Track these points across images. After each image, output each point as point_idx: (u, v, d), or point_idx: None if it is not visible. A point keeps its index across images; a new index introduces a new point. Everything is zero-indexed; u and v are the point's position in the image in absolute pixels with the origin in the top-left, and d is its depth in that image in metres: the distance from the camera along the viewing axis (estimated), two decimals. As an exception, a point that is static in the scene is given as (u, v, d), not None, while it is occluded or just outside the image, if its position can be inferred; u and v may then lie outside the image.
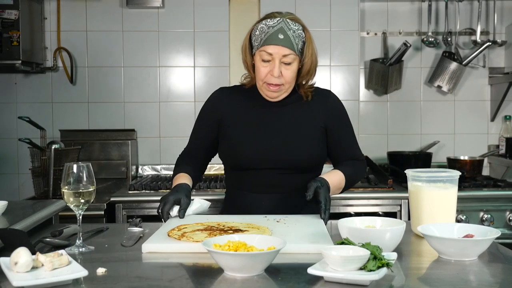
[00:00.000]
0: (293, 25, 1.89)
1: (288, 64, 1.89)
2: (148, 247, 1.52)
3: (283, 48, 1.86)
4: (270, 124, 1.99)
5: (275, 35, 1.86)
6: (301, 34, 1.90)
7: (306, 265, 1.26)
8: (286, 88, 1.95)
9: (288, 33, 1.87)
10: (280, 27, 1.87)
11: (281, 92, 1.95)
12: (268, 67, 1.89)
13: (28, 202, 2.19)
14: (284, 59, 1.88)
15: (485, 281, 1.28)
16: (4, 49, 3.11)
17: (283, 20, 1.88)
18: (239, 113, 2.02)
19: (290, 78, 1.91)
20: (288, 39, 1.86)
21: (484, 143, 3.74)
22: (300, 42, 1.90)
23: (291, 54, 1.87)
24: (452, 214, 1.71)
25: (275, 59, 1.87)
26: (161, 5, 3.49)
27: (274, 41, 1.86)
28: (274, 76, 1.89)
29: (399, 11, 3.69)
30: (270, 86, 1.92)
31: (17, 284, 1.18)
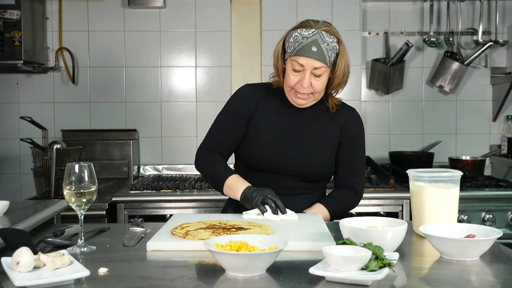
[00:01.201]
0: (328, 38, 1.87)
1: (318, 76, 1.88)
2: (153, 245, 1.52)
3: (315, 61, 1.85)
4: (293, 131, 2.00)
5: (309, 47, 1.85)
6: (335, 47, 1.88)
7: (308, 265, 1.26)
8: (316, 97, 1.95)
9: (322, 46, 1.85)
10: (314, 39, 1.86)
11: (309, 100, 1.95)
12: (298, 76, 1.89)
13: (30, 202, 2.19)
14: (315, 71, 1.87)
15: (487, 281, 1.28)
16: (6, 49, 3.12)
17: (318, 32, 1.86)
18: (266, 113, 2.01)
19: (319, 89, 1.91)
20: (321, 52, 1.85)
21: (486, 143, 3.73)
22: (333, 55, 1.88)
23: (322, 67, 1.87)
24: (454, 214, 1.71)
25: (306, 70, 1.87)
26: (162, 5, 3.49)
27: (307, 53, 1.85)
28: (303, 87, 1.88)
29: (401, 11, 3.69)
30: (298, 94, 1.92)
31: (19, 284, 1.18)
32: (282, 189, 1.97)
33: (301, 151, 1.98)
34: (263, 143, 1.98)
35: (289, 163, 1.97)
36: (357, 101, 3.59)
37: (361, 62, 3.59)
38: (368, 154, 3.59)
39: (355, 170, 2.06)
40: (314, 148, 1.99)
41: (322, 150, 1.99)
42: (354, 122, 2.05)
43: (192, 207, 2.93)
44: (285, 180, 1.99)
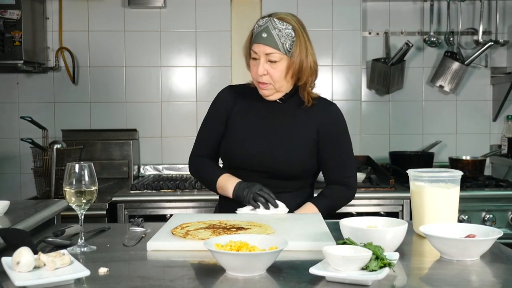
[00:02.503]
0: (280, 25, 1.91)
1: (274, 62, 1.91)
2: (153, 245, 1.53)
3: (266, 46, 1.89)
4: (266, 127, 2.01)
5: (260, 34, 1.91)
6: (289, 34, 1.91)
7: (308, 265, 1.26)
8: (278, 88, 1.96)
9: (273, 32, 1.90)
10: (265, 26, 1.91)
11: (272, 91, 1.97)
12: (256, 65, 1.93)
13: (30, 202, 2.19)
14: (269, 57, 1.90)
15: (487, 281, 1.28)
16: (6, 49, 3.12)
17: (270, 20, 1.92)
18: (243, 112, 2.05)
19: (277, 77, 1.92)
20: (271, 38, 1.89)
21: (486, 143, 3.73)
22: (287, 41, 1.91)
23: (274, 52, 1.89)
24: (454, 214, 1.71)
25: (261, 58, 1.91)
26: (163, 5, 3.49)
27: (258, 40, 1.91)
28: (260, 74, 1.92)
29: (401, 11, 3.69)
30: (260, 84, 1.96)
31: (19, 284, 1.18)
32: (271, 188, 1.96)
33: (272, 147, 1.98)
34: (237, 141, 2.02)
35: (261, 159, 1.98)
36: (357, 101, 3.59)
37: (361, 62, 3.59)
38: (368, 154, 3.59)
39: (342, 165, 2.05)
40: (286, 144, 1.99)
41: (294, 146, 1.99)
42: (332, 117, 2.04)
43: (192, 207, 2.93)
44: (261, 177, 1.98)
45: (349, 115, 3.58)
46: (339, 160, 2.04)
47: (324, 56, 3.57)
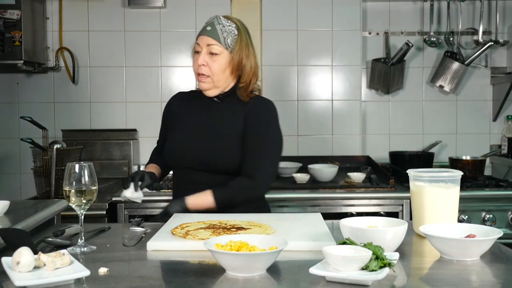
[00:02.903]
0: (225, 21, 2.04)
1: (215, 54, 2.00)
2: (153, 245, 1.53)
3: (208, 37, 2.00)
4: (202, 125, 2.08)
5: (204, 28, 2.04)
6: (232, 31, 2.02)
7: (308, 265, 1.26)
8: (215, 81, 2.03)
9: (217, 27, 2.01)
10: (211, 22, 2.04)
11: (210, 84, 2.03)
12: (197, 58, 2.02)
13: (30, 202, 2.19)
14: (210, 49, 2.00)
15: (487, 281, 1.28)
16: (6, 49, 3.12)
17: (216, 17, 2.05)
18: (182, 113, 2.15)
19: (215, 70, 2.00)
20: (215, 31, 2.01)
21: (486, 143, 3.73)
22: (229, 37, 2.01)
23: (215, 44, 1.99)
24: (454, 214, 1.71)
25: (203, 48, 2.01)
26: (163, 5, 3.49)
27: (201, 32, 2.04)
28: (199, 64, 2.00)
29: (401, 11, 3.69)
30: (199, 77, 2.03)
31: (19, 284, 1.18)
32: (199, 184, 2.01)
33: (205, 144, 2.03)
34: (171, 140, 2.12)
35: (194, 156, 2.03)
36: (357, 101, 3.59)
37: (361, 62, 3.59)
38: (368, 154, 3.59)
39: (252, 157, 1.99)
40: (218, 139, 2.03)
41: (226, 141, 2.02)
42: (258, 109, 2.06)
43: (192, 207, 2.92)
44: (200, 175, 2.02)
45: (349, 115, 3.59)
46: (251, 152, 2.00)
47: (324, 56, 3.58)
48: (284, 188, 2.96)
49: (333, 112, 3.59)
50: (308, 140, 3.59)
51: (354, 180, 3.05)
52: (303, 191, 2.93)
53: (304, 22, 3.56)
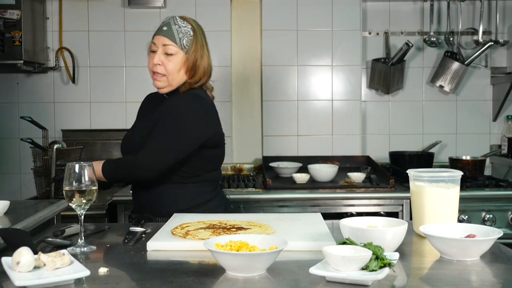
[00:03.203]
0: (181, 22, 2.08)
1: (170, 55, 2.03)
2: (153, 245, 1.53)
3: (164, 38, 2.04)
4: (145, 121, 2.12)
5: (161, 28, 2.07)
6: (188, 32, 2.07)
7: (308, 265, 1.26)
8: (170, 80, 2.06)
9: (173, 27, 2.05)
10: (168, 22, 2.08)
11: (165, 83, 2.07)
12: (153, 57, 2.06)
13: (30, 201, 2.19)
14: (166, 49, 2.04)
15: (487, 281, 1.28)
16: (6, 49, 3.12)
17: (173, 17, 2.09)
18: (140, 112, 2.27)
19: (170, 69, 2.04)
20: (170, 31, 2.05)
21: (486, 143, 3.73)
22: (185, 38, 2.05)
23: (171, 45, 2.03)
24: (454, 214, 1.71)
25: (158, 48, 2.05)
26: (163, 5, 3.49)
27: (158, 32, 2.07)
28: (155, 64, 2.03)
29: (401, 11, 3.69)
30: (154, 75, 2.07)
31: (19, 284, 1.18)
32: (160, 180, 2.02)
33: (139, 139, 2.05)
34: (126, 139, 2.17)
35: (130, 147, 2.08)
36: (357, 101, 3.59)
37: (361, 62, 3.59)
38: (368, 154, 3.59)
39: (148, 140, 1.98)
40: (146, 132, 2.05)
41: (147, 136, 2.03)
42: (167, 105, 2.05)
43: (192, 207, 2.92)
44: None
45: (349, 115, 3.59)
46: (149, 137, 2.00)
47: (324, 56, 3.58)
48: (284, 188, 2.96)
49: (333, 112, 3.59)
50: (308, 140, 3.59)
51: (354, 180, 3.05)
52: (303, 191, 2.93)
53: (304, 22, 3.56)
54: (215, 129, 2.09)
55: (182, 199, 2.05)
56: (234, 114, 3.62)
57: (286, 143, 3.58)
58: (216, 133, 2.08)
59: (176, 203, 2.03)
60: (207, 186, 2.11)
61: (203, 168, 2.08)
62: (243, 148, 3.63)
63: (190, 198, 2.06)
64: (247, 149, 3.63)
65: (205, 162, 2.08)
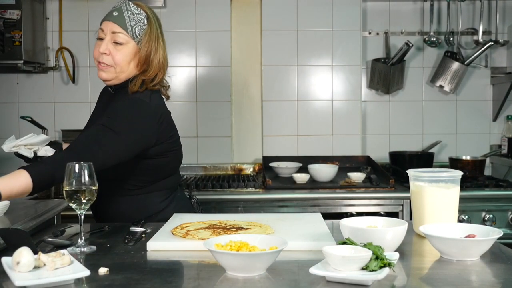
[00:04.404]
0: (134, 8, 1.88)
1: (119, 44, 1.85)
2: (153, 245, 1.53)
3: (114, 24, 1.85)
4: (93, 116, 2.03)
5: (111, 13, 1.88)
6: (141, 20, 1.87)
7: (308, 265, 1.26)
8: (117, 72, 1.87)
9: (125, 13, 1.86)
10: (119, 7, 1.88)
11: (111, 74, 1.88)
12: (99, 45, 1.87)
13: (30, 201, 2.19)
14: (115, 37, 1.84)
15: (487, 281, 1.28)
16: (6, 49, 3.12)
17: (125, 2, 1.89)
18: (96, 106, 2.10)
19: (118, 60, 1.85)
20: (122, 18, 1.85)
21: (486, 143, 3.73)
22: (137, 26, 1.86)
23: (121, 33, 1.84)
24: (454, 214, 1.71)
25: (106, 35, 1.86)
26: (163, 5, 3.49)
27: (107, 17, 1.88)
28: (101, 52, 1.85)
29: (401, 11, 3.69)
30: (99, 65, 1.88)
31: (19, 284, 1.18)
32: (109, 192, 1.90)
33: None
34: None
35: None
36: (357, 101, 3.59)
37: (361, 62, 3.59)
38: (368, 154, 3.59)
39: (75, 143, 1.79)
40: None
41: None
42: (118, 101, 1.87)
43: (192, 207, 2.92)
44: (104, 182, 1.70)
45: (349, 115, 3.59)
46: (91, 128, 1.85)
47: (324, 56, 3.58)
48: (284, 188, 2.96)
49: (333, 112, 3.59)
50: (308, 140, 3.59)
51: (354, 180, 3.05)
52: (303, 191, 2.93)
53: (304, 22, 3.56)
54: (155, 138, 1.87)
55: (129, 212, 1.93)
56: (234, 114, 3.62)
57: (286, 143, 3.58)
58: (157, 142, 1.88)
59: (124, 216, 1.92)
60: (157, 196, 1.96)
61: (149, 179, 1.93)
62: (243, 148, 3.63)
63: (136, 210, 1.92)
64: (247, 149, 3.63)
65: (150, 172, 1.92)
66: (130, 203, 1.95)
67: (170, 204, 2.01)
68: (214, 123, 3.57)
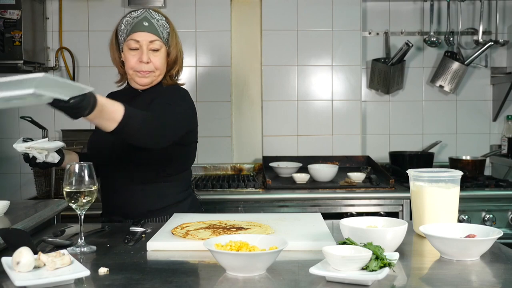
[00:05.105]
0: (156, 15, 2.00)
1: (156, 50, 1.97)
2: (153, 245, 1.53)
3: (149, 34, 1.96)
4: None
5: (141, 23, 1.96)
6: (164, 24, 2.00)
7: (308, 265, 1.26)
8: (157, 75, 2.01)
9: (153, 21, 1.97)
10: (144, 16, 1.98)
11: (151, 78, 2.01)
12: (136, 55, 1.97)
13: (30, 202, 2.19)
14: (152, 46, 1.96)
15: (487, 281, 1.28)
16: (6, 49, 3.12)
17: (146, 11, 1.99)
18: None
19: (159, 65, 1.99)
20: (153, 26, 1.97)
21: (486, 143, 3.73)
22: (164, 31, 2.00)
23: (157, 40, 1.97)
24: (454, 214, 1.71)
25: (143, 46, 1.96)
26: (163, 5, 3.49)
27: (140, 28, 1.96)
28: (144, 62, 1.96)
29: (401, 11, 3.69)
30: (140, 73, 1.99)
31: (19, 284, 1.18)
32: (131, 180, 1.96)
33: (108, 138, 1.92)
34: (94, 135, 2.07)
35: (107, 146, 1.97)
36: (357, 101, 3.59)
37: (361, 62, 3.59)
38: (368, 154, 3.59)
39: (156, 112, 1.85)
40: None
41: None
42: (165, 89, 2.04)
43: (192, 207, 2.92)
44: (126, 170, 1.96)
45: (349, 115, 3.59)
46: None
47: (324, 56, 3.58)
48: (284, 188, 2.96)
49: (333, 112, 3.59)
50: (308, 140, 3.59)
51: (354, 180, 3.05)
52: (303, 191, 2.93)
53: (304, 22, 3.56)
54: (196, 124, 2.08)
55: (155, 199, 1.99)
56: (234, 114, 3.62)
57: (286, 143, 3.58)
58: (195, 128, 2.08)
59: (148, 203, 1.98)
60: (178, 187, 2.06)
61: (175, 168, 2.03)
62: (243, 148, 3.63)
63: (163, 198, 2.00)
64: (247, 149, 3.63)
65: (178, 160, 2.02)
66: (154, 190, 1.99)
67: (188, 197, 2.10)
68: (214, 123, 3.57)
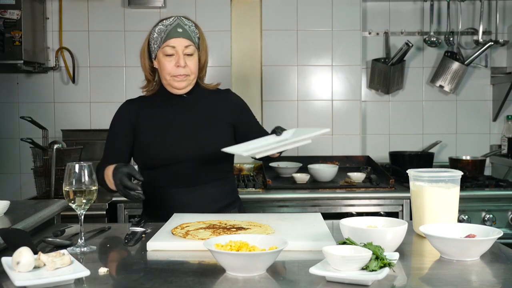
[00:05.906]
0: (188, 22, 2.09)
1: (190, 55, 2.06)
2: (153, 245, 1.53)
3: (184, 39, 2.04)
4: (178, 120, 2.10)
5: (175, 30, 2.05)
6: (195, 30, 2.10)
7: (308, 265, 1.26)
8: (191, 79, 2.09)
9: (185, 27, 2.07)
10: (177, 23, 2.06)
11: (187, 82, 2.08)
12: (172, 61, 2.04)
13: (30, 201, 2.19)
14: (186, 50, 2.04)
15: (487, 281, 1.28)
16: (6, 49, 3.12)
17: (178, 18, 2.08)
18: (150, 116, 2.12)
19: (194, 68, 2.07)
20: (186, 32, 2.06)
21: (486, 143, 3.73)
22: (196, 37, 2.09)
23: (191, 45, 2.05)
24: (454, 214, 1.71)
25: (179, 51, 2.04)
26: (163, 5, 3.49)
27: (175, 35, 2.04)
28: (181, 66, 2.03)
29: (401, 11, 3.69)
30: (177, 77, 2.06)
31: (19, 284, 1.18)
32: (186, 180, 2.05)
33: (191, 135, 2.06)
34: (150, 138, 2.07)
35: (182, 148, 2.05)
36: (357, 101, 3.59)
37: (361, 62, 3.59)
38: (368, 154, 3.59)
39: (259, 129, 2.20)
40: (203, 130, 2.08)
41: (212, 130, 2.09)
42: (236, 100, 2.23)
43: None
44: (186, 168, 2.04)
45: (349, 115, 3.59)
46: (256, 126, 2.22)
47: (324, 56, 3.58)
48: (284, 188, 2.96)
49: (333, 112, 3.59)
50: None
51: (354, 180, 3.05)
52: (303, 191, 2.93)
53: (304, 22, 3.56)
54: None
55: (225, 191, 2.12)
56: (234, 114, 3.62)
57: (286, 143, 3.58)
58: None
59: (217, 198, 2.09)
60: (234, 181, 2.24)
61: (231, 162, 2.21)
62: (243, 148, 3.62)
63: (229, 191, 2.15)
64: (247, 149, 3.63)
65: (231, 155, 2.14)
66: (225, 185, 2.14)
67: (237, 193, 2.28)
68: (214, 123, 3.57)
